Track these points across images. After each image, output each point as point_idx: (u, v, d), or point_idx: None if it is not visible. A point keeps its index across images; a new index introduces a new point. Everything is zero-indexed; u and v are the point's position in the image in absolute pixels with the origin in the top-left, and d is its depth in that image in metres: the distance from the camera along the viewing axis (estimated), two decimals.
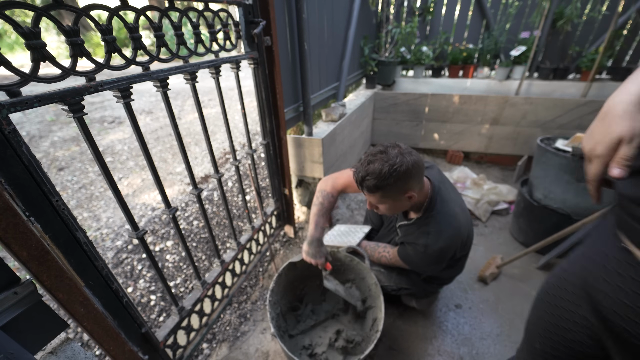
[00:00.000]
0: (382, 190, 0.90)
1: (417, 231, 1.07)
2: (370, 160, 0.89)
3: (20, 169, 0.58)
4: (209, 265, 1.80)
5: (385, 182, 0.87)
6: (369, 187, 0.90)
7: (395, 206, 0.98)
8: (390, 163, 0.86)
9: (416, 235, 1.07)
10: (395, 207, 0.99)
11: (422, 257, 1.06)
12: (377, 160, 0.88)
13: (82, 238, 0.69)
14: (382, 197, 0.93)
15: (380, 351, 1.32)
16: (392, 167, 0.86)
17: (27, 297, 0.60)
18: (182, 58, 0.98)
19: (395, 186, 0.89)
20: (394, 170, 0.86)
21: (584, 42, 2.82)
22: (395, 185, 0.88)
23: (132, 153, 3.15)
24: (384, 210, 1.01)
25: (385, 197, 0.93)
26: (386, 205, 0.97)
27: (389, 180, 0.87)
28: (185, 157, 1.05)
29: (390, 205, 0.97)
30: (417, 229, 1.08)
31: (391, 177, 0.86)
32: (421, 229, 1.06)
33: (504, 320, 1.45)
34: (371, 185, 0.89)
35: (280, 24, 1.43)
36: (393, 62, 2.99)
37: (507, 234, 2.04)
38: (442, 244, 1.01)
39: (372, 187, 0.89)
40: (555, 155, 1.61)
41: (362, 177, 0.90)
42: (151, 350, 0.95)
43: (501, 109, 2.66)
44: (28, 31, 0.57)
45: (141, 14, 0.78)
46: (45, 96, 0.61)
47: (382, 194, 0.91)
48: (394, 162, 0.87)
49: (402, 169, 0.87)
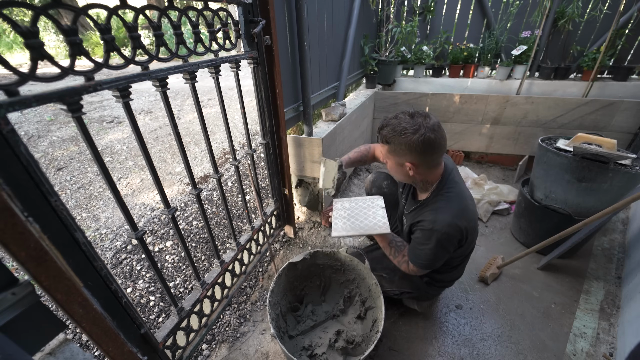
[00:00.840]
0: (390, 144, 0.97)
1: (425, 210, 1.07)
2: (397, 115, 0.96)
3: (19, 169, 0.57)
4: (209, 265, 1.80)
5: (394, 138, 0.94)
6: (382, 136, 0.98)
7: (395, 169, 1.05)
8: (405, 125, 0.92)
9: (425, 214, 1.06)
10: (395, 170, 1.05)
11: (430, 237, 1.00)
12: (400, 118, 0.94)
13: (80, 238, 0.69)
14: (389, 152, 1.00)
15: (380, 352, 1.32)
16: (404, 130, 0.91)
17: (25, 297, 0.59)
18: (182, 57, 0.97)
19: (400, 148, 0.95)
20: (402, 133, 0.92)
21: (586, 41, 2.81)
22: (400, 147, 0.94)
23: (131, 153, 3.14)
24: (389, 166, 1.08)
25: (390, 154, 1.00)
26: (389, 163, 1.05)
27: (398, 138, 0.93)
28: (185, 157, 1.05)
29: (391, 165, 1.05)
30: (424, 207, 1.08)
31: (397, 137, 0.93)
32: (429, 207, 1.06)
33: (505, 320, 1.45)
34: (384, 135, 0.97)
35: (280, 23, 1.43)
36: (393, 61, 2.98)
37: (507, 234, 2.03)
38: (450, 220, 0.98)
39: (383, 136, 0.97)
40: (557, 155, 1.61)
41: (382, 125, 0.98)
42: (150, 351, 0.95)
43: (502, 109, 2.66)
44: (26, 30, 0.56)
45: (140, 13, 0.77)
46: (43, 96, 0.60)
47: (389, 149, 0.99)
48: (407, 127, 0.91)
49: (413, 138, 0.91)
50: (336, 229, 1.12)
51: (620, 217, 2.11)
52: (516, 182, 2.60)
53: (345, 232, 1.09)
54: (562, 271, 1.71)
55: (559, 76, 2.82)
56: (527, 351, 1.31)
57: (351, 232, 1.09)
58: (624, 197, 1.39)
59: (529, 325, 1.42)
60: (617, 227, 2.03)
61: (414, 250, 1.08)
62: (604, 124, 2.43)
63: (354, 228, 1.12)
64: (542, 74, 2.89)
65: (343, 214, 1.20)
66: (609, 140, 1.53)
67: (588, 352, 1.29)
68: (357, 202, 1.26)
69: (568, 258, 1.79)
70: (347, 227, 1.12)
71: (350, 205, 1.24)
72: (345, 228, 1.12)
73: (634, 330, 1.20)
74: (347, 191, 2.45)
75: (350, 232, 1.09)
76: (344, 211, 1.21)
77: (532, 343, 1.34)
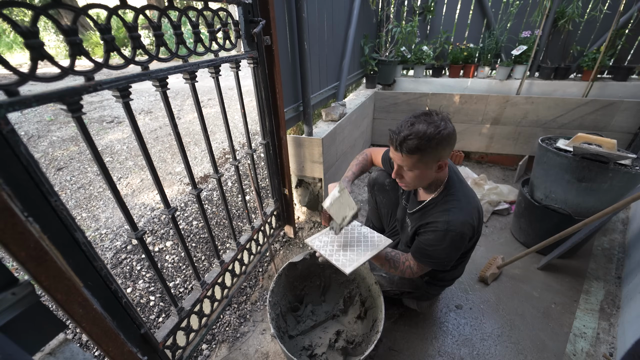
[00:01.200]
0: (422, 152, 0.88)
1: (435, 210, 1.03)
2: (414, 122, 0.88)
3: (19, 169, 0.57)
4: (209, 265, 1.80)
5: (428, 143, 0.86)
6: (410, 148, 0.87)
7: (423, 175, 0.96)
8: (436, 125, 0.86)
9: (435, 215, 1.02)
10: (423, 176, 0.97)
11: (444, 238, 0.98)
12: (421, 122, 0.87)
13: (80, 238, 0.69)
14: (418, 162, 0.91)
15: (380, 352, 1.32)
16: (437, 129, 0.86)
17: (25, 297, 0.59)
18: (182, 57, 0.97)
19: (435, 151, 0.88)
20: (438, 132, 0.86)
21: (585, 41, 2.81)
22: (436, 149, 0.88)
23: (131, 153, 3.14)
24: (408, 180, 0.99)
25: (420, 162, 0.91)
26: (417, 172, 0.95)
27: (431, 142, 0.86)
28: (185, 157, 1.05)
29: (419, 174, 0.95)
30: (433, 207, 1.04)
31: (434, 139, 0.86)
32: (439, 207, 1.02)
33: (504, 320, 1.45)
34: (413, 146, 0.86)
35: (280, 23, 1.43)
36: (393, 61, 2.98)
37: (507, 234, 2.03)
38: (463, 219, 0.96)
39: (413, 148, 0.87)
40: (557, 155, 1.61)
41: (405, 136, 0.87)
42: (150, 351, 0.95)
43: (502, 109, 2.66)
44: (26, 30, 0.56)
45: (140, 13, 0.77)
46: (43, 96, 0.60)
47: (419, 158, 0.89)
48: (438, 125, 0.86)
49: (445, 133, 0.87)
50: (344, 264, 1.04)
51: (620, 217, 2.11)
52: (516, 182, 2.60)
53: (356, 262, 1.05)
54: (562, 271, 1.71)
55: (559, 76, 2.82)
56: (527, 351, 1.31)
57: (361, 259, 1.06)
58: (624, 197, 1.39)
59: (529, 325, 1.42)
60: (617, 227, 2.03)
61: (423, 251, 1.04)
62: (604, 124, 2.43)
63: (360, 254, 1.08)
64: (542, 74, 2.89)
65: (335, 248, 1.13)
66: (609, 140, 1.53)
67: (588, 352, 1.29)
68: (332, 233, 1.19)
69: (568, 258, 1.79)
70: (353, 258, 1.07)
71: (331, 238, 1.18)
72: (352, 259, 1.07)
73: (634, 330, 1.20)
74: None
75: (360, 259, 1.06)
76: (331, 245, 1.14)
77: (532, 343, 1.34)
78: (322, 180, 1.90)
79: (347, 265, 1.03)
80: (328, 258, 1.07)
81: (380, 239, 1.13)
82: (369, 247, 1.10)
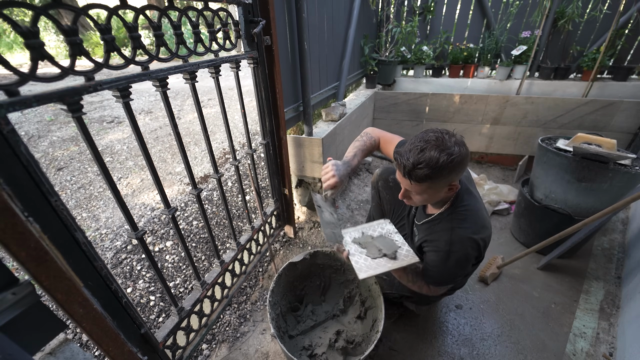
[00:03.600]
0: (432, 180, 0.81)
1: (439, 228, 0.99)
2: (424, 148, 0.80)
3: (19, 169, 0.57)
4: (209, 265, 1.80)
5: (439, 172, 0.79)
6: (419, 176, 0.81)
7: (434, 197, 0.91)
8: (449, 152, 0.79)
9: (438, 233, 0.98)
10: (433, 197, 0.91)
11: (447, 258, 0.94)
12: (432, 148, 0.79)
13: (81, 238, 0.69)
14: (428, 188, 0.85)
15: (380, 352, 1.32)
16: (450, 157, 0.78)
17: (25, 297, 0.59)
18: (182, 57, 0.97)
19: (448, 177, 0.82)
20: (451, 160, 0.78)
21: (585, 41, 2.81)
22: (448, 176, 0.81)
23: (131, 153, 3.14)
24: (417, 201, 0.94)
25: (430, 188, 0.85)
26: (425, 196, 0.89)
27: (443, 171, 0.79)
28: (185, 157, 1.05)
29: (429, 196, 0.90)
30: (438, 223, 1.00)
31: (446, 167, 0.79)
32: (443, 224, 0.98)
33: (504, 320, 1.45)
34: (422, 175, 0.80)
35: (280, 23, 1.43)
36: (393, 61, 2.98)
37: (507, 234, 2.03)
38: (468, 238, 0.92)
39: (423, 176, 0.80)
40: (557, 155, 1.61)
41: (414, 164, 0.80)
42: (150, 350, 0.95)
43: (502, 109, 2.66)
44: (27, 30, 0.56)
45: (140, 13, 0.77)
46: (44, 96, 0.60)
47: (430, 184, 0.83)
48: (452, 152, 0.79)
49: (458, 160, 0.79)
50: (360, 268, 0.99)
51: (620, 217, 2.11)
52: (516, 182, 2.60)
53: (373, 270, 0.98)
54: (562, 271, 1.71)
55: (559, 76, 2.83)
56: (527, 351, 1.31)
57: (379, 269, 0.99)
58: (623, 197, 1.39)
59: (528, 325, 1.42)
60: (617, 227, 2.03)
61: (429, 272, 1.02)
62: (603, 124, 2.43)
63: (380, 264, 1.02)
64: (542, 74, 2.89)
65: (359, 248, 1.08)
66: (608, 140, 1.53)
67: (588, 352, 1.29)
68: (367, 231, 1.17)
69: (568, 258, 1.79)
70: (372, 265, 1.01)
71: (361, 236, 1.14)
72: (370, 265, 1.01)
73: (634, 330, 1.20)
74: (347, 191, 2.45)
75: (378, 269, 0.99)
76: (358, 244, 1.10)
77: (532, 343, 1.34)
78: (322, 181, 1.90)
79: (363, 271, 0.98)
80: (350, 256, 1.04)
81: (408, 254, 1.06)
82: (393, 258, 1.04)
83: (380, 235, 1.16)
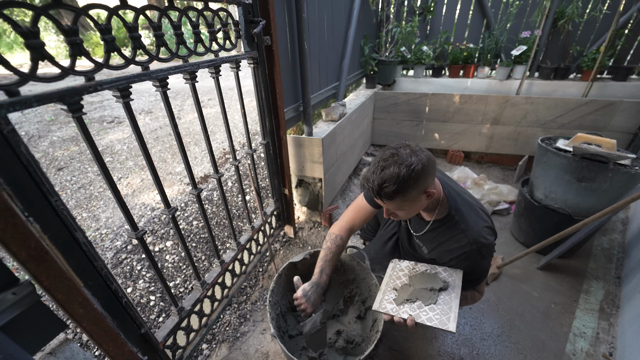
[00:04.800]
0: (402, 194, 0.83)
1: (450, 235, 1.00)
2: (384, 166, 0.83)
3: (19, 169, 0.57)
4: (209, 265, 1.80)
5: (405, 185, 0.81)
6: (387, 194, 0.83)
7: (414, 208, 0.92)
8: (407, 164, 0.81)
9: (453, 241, 0.99)
10: (415, 208, 0.93)
11: (480, 255, 0.97)
12: (391, 165, 0.82)
13: (81, 238, 0.69)
14: (403, 202, 0.86)
15: (380, 352, 1.32)
16: (410, 168, 0.81)
17: (26, 297, 0.60)
18: (182, 57, 0.97)
19: (416, 187, 0.83)
20: (412, 170, 0.81)
21: (585, 41, 2.81)
22: (416, 186, 0.83)
23: (131, 153, 3.14)
24: (402, 216, 0.96)
25: (405, 201, 0.86)
26: (405, 210, 0.91)
27: (408, 182, 0.81)
28: (185, 157, 1.05)
29: (409, 209, 0.91)
30: (445, 230, 1.01)
31: (410, 178, 0.81)
32: (452, 230, 0.99)
33: (504, 320, 1.45)
34: (390, 192, 0.82)
35: (280, 23, 1.43)
36: (393, 61, 2.98)
37: (507, 234, 2.03)
38: (481, 228, 0.96)
39: (391, 193, 0.82)
40: (556, 155, 1.61)
41: (379, 184, 0.83)
42: (150, 350, 0.95)
43: (502, 109, 2.66)
44: (27, 30, 0.57)
45: (140, 14, 0.78)
46: (44, 96, 0.60)
47: (402, 199, 0.85)
48: (410, 163, 0.81)
49: (419, 168, 0.82)
50: (443, 322, 0.89)
51: (620, 217, 2.11)
52: (516, 182, 2.60)
53: (453, 313, 0.90)
54: (562, 271, 1.72)
55: (559, 76, 2.83)
56: (526, 351, 1.31)
57: (453, 305, 0.93)
58: (623, 197, 1.39)
59: (528, 325, 1.42)
60: (617, 227, 2.03)
61: (472, 277, 1.05)
62: (603, 124, 2.43)
63: (446, 301, 0.95)
64: (542, 74, 2.89)
65: (412, 306, 0.97)
66: (608, 140, 1.53)
67: (588, 352, 1.29)
68: (393, 284, 1.05)
69: (568, 258, 1.79)
70: (444, 308, 0.92)
71: (396, 295, 1.02)
72: (445, 310, 0.92)
73: (634, 330, 1.20)
74: (347, 191, 2.45)
75: (452, 305, 0.93)
76: (408, 304, 0.98)
77: (532, 343, 1.34)
78: (322, 180, 1.90)
79: (447, 322, 0.88)
80: (418, 321, 0.91)
81: (450, 273, 1.03)
82: (447, 286, 0.98)
83: (408, 278, 1.07)
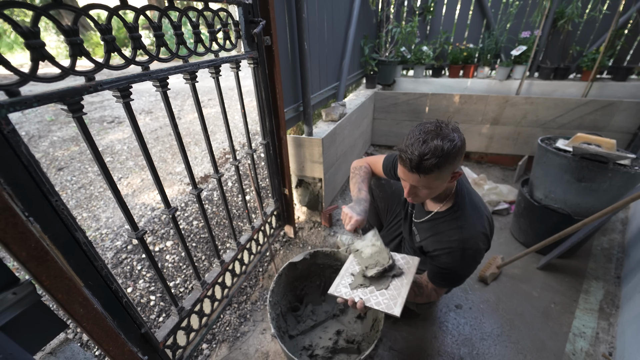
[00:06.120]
0: (440, 168, 0.82)
1: (447, 228, 0.99)
2: (425, 139, 0.82)
3: (20, 169, 0.57)
4: (209, 265, 1.80)
5: (446, 159, 0.81)
6: (427, 167, 0.81)
7: (439, 187, 0.91)
8: (450, 139, 0.82)
9: (448, 233, 0.98)
10: (439, 188, 0.92)
11: (462, 257, 0.95)
12: (434, 138, 0.81)
13: (81, 238, 0.69)
14: (436, 178, 0.85)
15: (380, 352, 1.32)
16: (452, 143, 0.81)
17: (26, 297, 0.60)
18: (182, 58, 0.97)
19: (452, 163, 0.84)
20: (454, 146, 0.81)
21: (585, 41, 2.81)
22: (453, 162, 0.83)
23: (131, 153, 3.14)
24: (424, 196, 0.93)
25: (438, 178, 0.85)
26: (432, 188, 0.89)
27: (449, 157, 0.81)
28: (185, 157, 1.05)
29: (436, 188, 0.90)
30: (444, 223, 1.00)
31: (451, 154, 0.81)
32: (451, 224, 0.98)
33: (504, 320, 1.45)
34: (431, 165, 0.81)
35: (280, 23, 1.43)
36: (393, 61, 2.99)
37: (507, 234, 2.03)
38: (477, 233, 0.94)
39: (431, 166, 0.81)
40: (556, 155, 1.61)
41: (420, 156, 0.80)
42: (151, 350, 0.95)
43: (502, 109, 2.66)
44: (27, 31, 0.57)
45: (141, 14, 0.78)
46: (44, 96, 0.61)
47: (437, 174, 0.84)
48: (452, 138, 0.82)
49: (459, 145, 0.83)
50: (389, 306, 0.89)
51: (620, 217, 2.11)
52: (516, 182, 2.60)
53: (401, 298, 0.90)
54: (562, 271, 1.72)
55: (559, 76, 2.83)
56: (526, 351, 1.31)
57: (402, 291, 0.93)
58: (623, 197, 1.39)
59: (528, 324, 1.42)
60: (617, 227, 2.03)
61: (442, 275, 1.02)
62: (603, 124, 2.43)
63: (397, 286, 0.94)
64: (542, 74, 2.90)
65: (368, 290, 0.96)
66: (608, 140, 1.53)
67: (587, 352, 1.29)
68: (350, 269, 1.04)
69: (567, 258, 1.79)
70: (393, 294, 0.92)
71: (353, 279, 1.00)
72: (394, 295, 0.92)
73: (634, 330, 1.21)
74: (348, 191, 2.45)
75: (402, 292, 0.92)
76: (362, 288, 0.97)
77: (532, 343, 1.34)
78: (322, 180, 1.90)
79: (393, 306, 0.88)
80: (368, 305, 0.91)
81: (407, 260, 1.02)
82: (400, 272, 0.98)
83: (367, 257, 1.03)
